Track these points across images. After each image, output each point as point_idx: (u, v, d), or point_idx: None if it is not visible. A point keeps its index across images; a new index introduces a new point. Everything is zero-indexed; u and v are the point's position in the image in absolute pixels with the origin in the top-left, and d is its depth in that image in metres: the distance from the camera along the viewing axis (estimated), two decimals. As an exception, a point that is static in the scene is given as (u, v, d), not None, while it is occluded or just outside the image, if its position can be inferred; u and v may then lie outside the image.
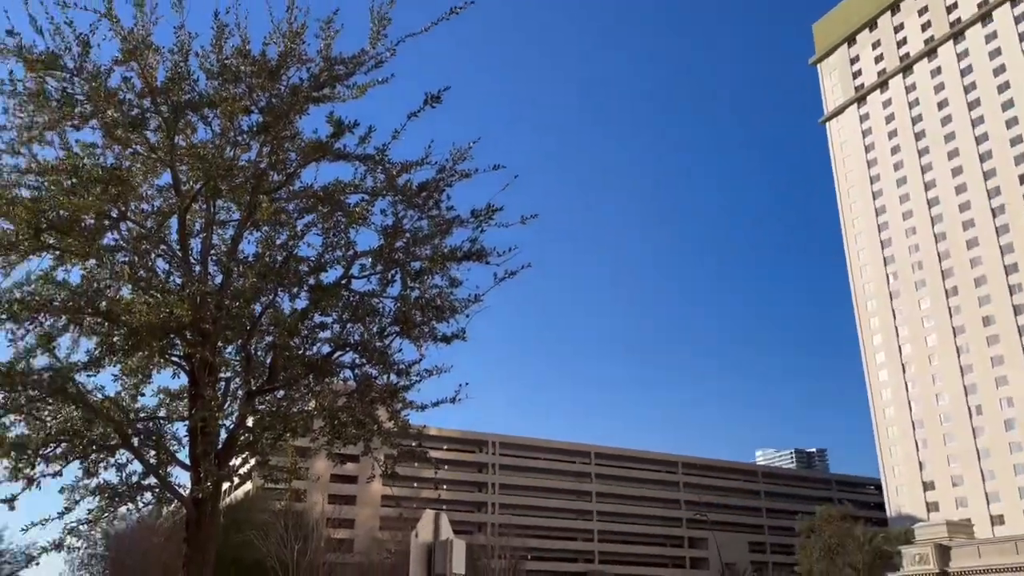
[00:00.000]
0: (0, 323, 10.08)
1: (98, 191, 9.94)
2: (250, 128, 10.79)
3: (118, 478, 10.60)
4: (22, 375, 9.70)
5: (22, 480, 9.90)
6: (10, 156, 10.27)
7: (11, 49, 9.54)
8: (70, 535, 9.93)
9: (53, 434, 10.35)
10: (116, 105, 10.11)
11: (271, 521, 43.28)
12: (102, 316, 10.49)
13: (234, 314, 10.49)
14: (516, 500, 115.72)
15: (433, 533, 9.92)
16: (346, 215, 11.19)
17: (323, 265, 11.14)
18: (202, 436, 10.10)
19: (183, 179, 11.04)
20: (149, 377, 11.22)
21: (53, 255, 10.59)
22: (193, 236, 11.28)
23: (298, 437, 11.38)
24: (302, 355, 11.00)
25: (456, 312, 10.95)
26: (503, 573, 60.34)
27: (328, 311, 11.12)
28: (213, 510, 10.26)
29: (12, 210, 9.76)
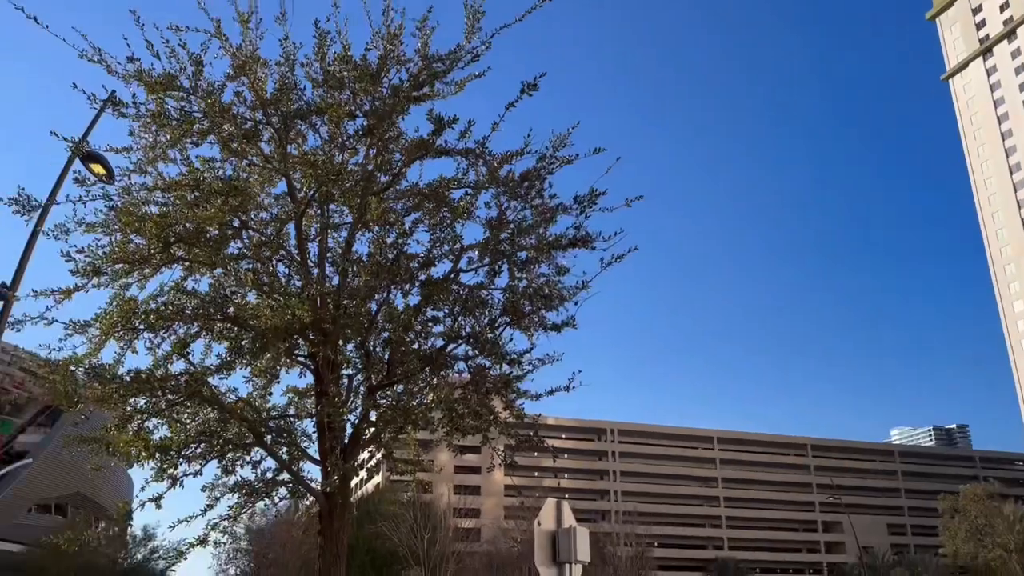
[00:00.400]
0: (139, 332, 10.76)
1: (219, 203, 10.44)
2: (356, 132, 11.06)
3: (254, 475, 11.17)
4: (161, 381, 10.30)
5: (167, 480, 10.54)
6: (138, 175, 10.92)
7: (132, 74, 10.12)
8: (213, 531, 10.50)
9: (193, 435, 10.98)
10: (231, 119, 10.58)
11: (401, 512, 44.59)
12: (231, 321, 11.05)
13: (351, 313, 10.81)
14: (639, 487, 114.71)
15: (555, 521, 9.93)
16: (451, 210, 11.32)
17: (432, 260, 11.31)
18: (329, 432, 10.48)
19: (297, 186, 11.46)
20: (277, 377, 11.77)
21: (183, 266, 11.23)
22: (310, 240, 11.69)
23: (419, 430, 11.64)
24: (417, 349, 11.22)
25: (565, 300, 10.89)
26: (629, 560, 59.95)
27: (439, 305, 11.29)
28: (343, 503, 10.62)
29: (143, 226, 10.40)
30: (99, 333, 10.37)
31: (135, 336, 10.70)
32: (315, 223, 11.87)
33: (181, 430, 11.01)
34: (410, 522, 43.59)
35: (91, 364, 10.31)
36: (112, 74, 10.09)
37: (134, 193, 10.80)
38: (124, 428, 10.59)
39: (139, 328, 10.58)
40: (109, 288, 10.74)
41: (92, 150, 11.54)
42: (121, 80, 10.18)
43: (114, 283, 10.77)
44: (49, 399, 10.62)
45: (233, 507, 10.77)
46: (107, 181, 11.24)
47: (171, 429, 11.01)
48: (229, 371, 10.93)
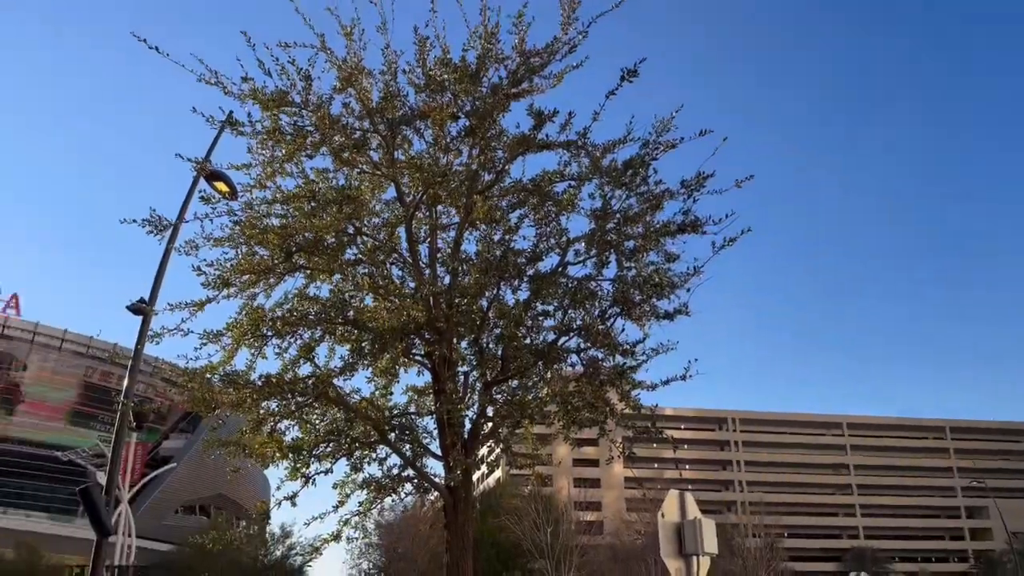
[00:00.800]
0: (267, 339, 11.35)
1: (335, 211, 10.86)
2: (459, 133, 11.24)
3: (381, 471, 11.56)
4: (290, 384, 10.82)
5: (300, 479, 11.06)
6: (259, 190, 11.48)
7: (247, 93, 10.64)
8: (345, 526, 10.95)
9: (322, 435, 11.48)
10: (340, 130, 10.97)
11: (522, 506, 45.05)
12: (351, 324, 11.48)
13: (463, 311, 11.01)
14: (764, 477, 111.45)
15: (680, 513, 9.81)
16: (555, 204, 11.33)
17: (539, 255, 11.36)
18: (448, 428, 10.72)
19: (405, 190, 11.78)
20: (397, 376, 12.13)
21: (304, 274, 11.76)
22: (420, 242, 11.98)
23: (535, 424, 11.74)
24: (529, 344, 11.29)
25: (676, 287, 10.69)
26: (759, 552, 58.39)
27: (549, 299, 11.31)
28: (467, 497, 10.84)
29: (266, 238, 10.97)
30: (231, 341, 11.00)
31: (264, 343, 11.27)
32: (424, 225, 12.16)
33: (311, 430, 11.52)
34: (532, 516, 43.99)
35: (225, 371, 10.93)
36: (228, 95, 10.65)
37: (256, 207, 11.36)
38: (259, 430, 11.20)
39: (267, 335, 11.15)
40: (238, 298, 11.38)
41: (215, 169, 12.22)
42: (237, 100, 10.72)
43: (242, 293, 11.40)
44: (188, 406, 11.31)
45: (363, 503, 11.16)
46: (230, 197, 11.87)
47: (302, 430, 11.53)
48: (352, 372, 11.37)
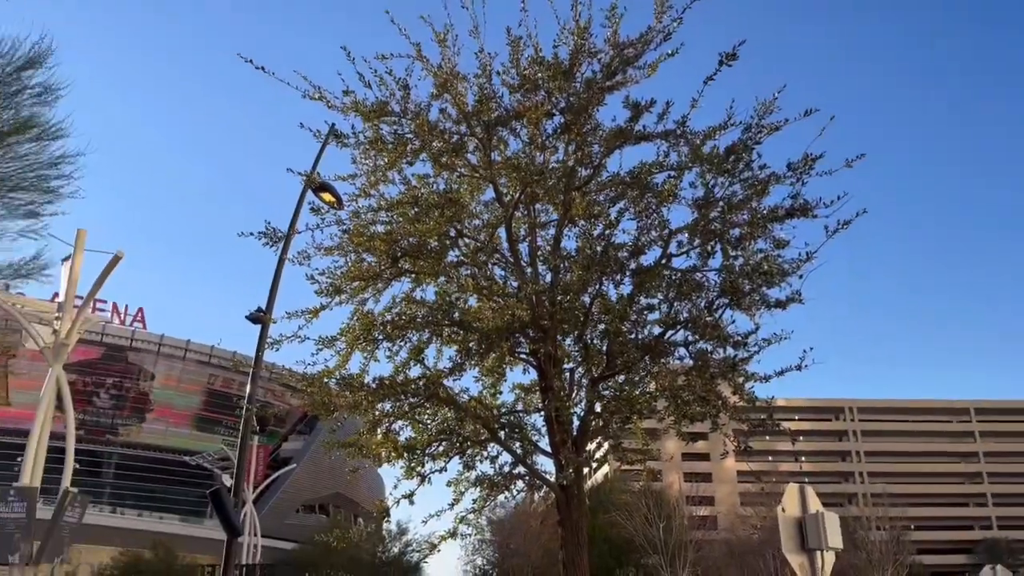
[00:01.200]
0: (378, 343, 11.70)
1: (436, 215, 11.09)
2: (554, 130, 11.26)
3: (492, 469, 11.72)
4: (402, 385, 11.13)
5: (416, 477, 11.33)
6: (364, 198, 11.83)
7: (349, 106, 10.99)
8: (461, 523, 11.16)
9: (434, 434, 11.74)
10: (438, 136, 11.18)
11: (633, 501, 44.74)
12: (457, 325, 11.69)
13: (566, 308, 11.02)
14: (887, 467, 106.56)
15: (800, 507, 9.54)
16: (655, 195, 11.20)
17: (641, 248, 11.25)
18: (557, 425, 10.76)
19: (503, 190, 11.89)
20: (504, 375, 12.26)
21: (410, 278, 12.04)
22: (520, 241, 12.07)
23: (644, 419, 11.63)
24: (635, 339, 11.20)
25: (786, 275, 10.38)
26: (884, 545, 55.91)
27: (653, 292, 11.20)
28: (579, 493, 10.86)
29: (373, 244, 11.32)
30: (345, 346, 11.40)
31: (376, 346, 11.62)
32: (523, 224, 12.23)
33: (423, 430, 11.79)
34: (643, 511, 43.59)
35: (341, 375, 11.34)
36: (332, 108, 11.01)
37: (362, 215, 11.72)
38: (374, 431, 11.56)
39: (378, 339, 11.50)
40: (349, 304, 11.78)
41: (323, 181, 12.67)
42: (340, 113, 11.08)
43: (353, 299, 11.79)
44: (308, 409, 11.79)
45: (476, 501, 11.36)
46: (337, 207, 12.29)
47: (414, 430, 11.82)
48: (460, 372, 11.59)
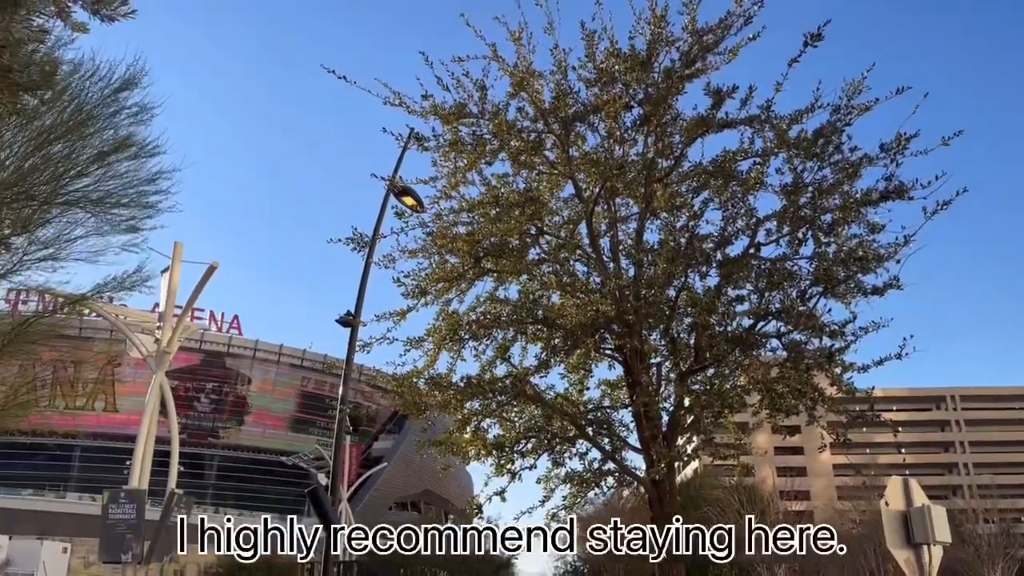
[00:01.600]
0: (464, 342, 11.81)
1: (517, 214, 11.10)
2: (633, 123, 11.12)
3: (582, 466, 11.67)
4: (490, 383, 11.20)
5: (506, 474, 11.39)
6: (445, 200, 11.95)
7: (428, 110, 11.11)
8: (552, 520, 11.15)
9: (522, 432, 11.76)
10: (516, 135, 11.19)
11: (725, 497, 43.95)
12: (541, 323, 11.68)
13: (651, 302, 10.88)
14: (994, 458, 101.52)
15: (905, 500, 9.17)
16: (741, 183, 10.93)
17: (727, 238, 11.00)
18: (646, 420, 10.63)
19: (583, 186, 11.82)
20: (590, 371, 12.20)
21: (492, 277, 12.10)
22: (601, 236, 11.97)
23: (736, 413, 11.37)
24: (723, 331, 10.97)
25: (883, 260, 9.96)
26: (992, 538, 53.20)
27: (741, 283, 10.95)
28: (671, 489, 10.71)
29: (455, 246, 11.41)
30: (432, 346, 11.55)
31: (462, 346, 11.73)
32: (604, 219, 12.12)
33: (511, 428, 11.84)
34: (736, 506, 42.72)
35: (429, 375, 11.49)
36: (412, 113, 11.17)
37: (444, 217, 11.84)
38: (463, 429, 11.67)
39: (464, 338, 11.60)
40: (435, 305, 11.91)
41: (404, 185, 12.86)
42: (420, 117, 11.23)
43: (438, 300, 11.92)
44: (399, 408, 11.99)
45: (567, 497, 11.32)
46: (419, 210, 12.46)
47: (502, 427, 11.88)
48: (546, 370, 11.57)
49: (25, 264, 11.41)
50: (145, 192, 11.75)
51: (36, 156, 10.35)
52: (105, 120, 11.06)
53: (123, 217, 11.74)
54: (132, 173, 11.66)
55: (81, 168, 10.90)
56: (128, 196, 11.57)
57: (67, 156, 10.77)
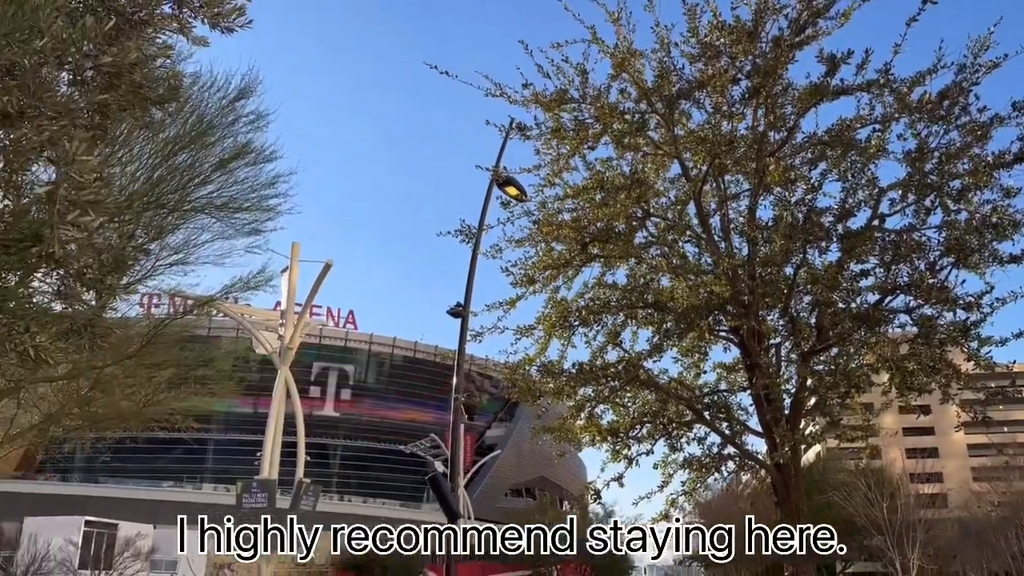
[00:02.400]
0: (574, 329, 11.76)
1: (622, 197, 10.96)
2: (741, 97, 10.76)
3: (700, 450, 11.46)
4: (602, 369, 11.13)
5: (622, 460, 11.31)
6: (549, 188, 11.91)
7: (529, 99, 11.09)
8: (672, 506, 11.01)
9: (636, 417, 11.65)
10: (619, 117, 11.02)
11: (851, 480, 42.18)
12: (651, 307, 11.50)
13: (768, 280, 10.53)
14: None
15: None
16: (860, 152, 10.42)
17: (849, 211, 10.52)
18: (767, 403, 10.32)
19: (690, 165, 11.54)
20: (705, 354, 11.93)
21: (599, 263, 12.00)
22: (711, 215, 11.68)
23: (863, 393, 10.90)
24: (848, 308, 10.51)
25: (1020, 226, 9.31)
26: None
27: (865, 257, 10.46)
28: (796, 473, 10.39)
29: (561, 233, 11.37)
30: (543, 334, 11.56)
31: (572, 332, 11.70)
32: (713, 198, 11.81)
33: (625, 413, 11.74)
34: (863, 490, 40.98)
35: (541, 362, 11.52)
36: (513, 103, 11.17)
37: (549, 205, 11.81)
38: (577, 416, 11.65)
39: (574, 324, 11.56)
40: (543, 293, 11.92)
41: (507, 175, 12.89)
42: (521, 106, 11.21)
43: (546, 288, 11.92)
44: (516, 396, 12.06)
45: (687, 482, 11.15)
46: (522, 199, 12.46)
47: (616, 413, 11.79)
48: (659, 354, 11.41)
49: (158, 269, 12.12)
50: (265, 196, 12.25)
51: (163, 167, 10.97)
52: (224, 129, 11.59)
53: (245, 221, 12.29)
54: (252, 178, 12.19)
55: (204, 176, 11.48)
56: (249, 200, 12.10)
57: (191, 165, 11.36)
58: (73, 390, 15.67)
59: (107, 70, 4.23)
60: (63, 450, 27.37)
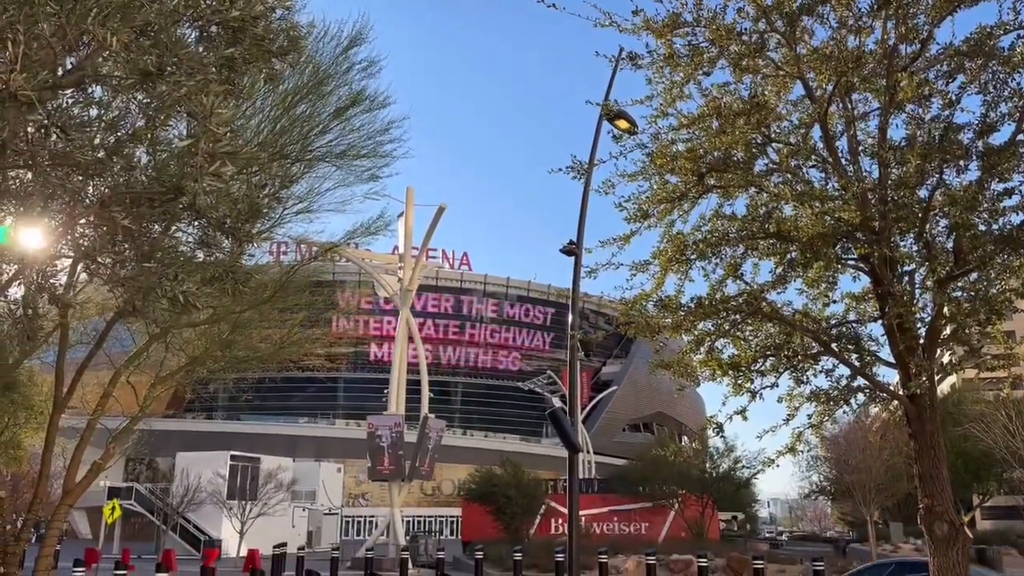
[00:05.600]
0: (691, 263, 11.53)
1: (741, 123, 10.55)
2: (869, 8, 10.07)
3: (828, 383, 11.14)
4: (722, 303, 10.92)
5: (745, 394, 11.15)
6: (662, 119, 11.59)
7: (640, 26, 10.74)
8: (799, 440, 10.80)
9: (759, 350, 11.41)
10: (736, 38, 10.53)
11: (989, 412, 40.11)
12: (774, 237, 11.11)
13: (901, 204, 9.96)
14: None
15: None
16: (1003, 62, 9.59)
17: (991, 126, 9.75)
18: (901, 333, 9.88)
19: (814, 85, 10.94)
20: (834, 284, 11.49)
21: (717, 194, 11.65)
22: (838, 138, 11.09)
23: (1004, 320, 10.27)
24: (989, 230, 9.86)
25: None
26: None
27: (1008, 175, 9.73)
28: (932, 404, 9.96)
29: (676, 164, 11.09)
30: (659, 269, 11.42)
31: (689, 267, 11.48)
32: (840, 119, 11.20)
33: (746, 347, 11.52)
34: (1003, 421, 38.90)
35: (658, 297, 11.41)
36: (624, 32, 10.83)
37: (662, 136, 11.51)
38: (696, 350, 11.53)
39: (691, 258, 11.33)
40: (658, 228, 11.72)
41: (618, 108, 12.64)
42: (632, 35, 10.88)
43: (661, 222, 11.71)
44: (633, 332, 12.02)
45: (813, 415, 10.90)
46: (633, 132, 12.21)
47: (736, 347, 11.58)
48: (783, 285, 11.07)
49: (286, 217, 12.71)
50: (380, 142, 12.56)
51: (284, 118, 11.40)
52: (339, 78, 11.89)
53: (363, 167, 12.68)
54: (367, 125, 12.51)
55: (323, 125, 11.86)
56: (367, 147, 12.45)
57: (310, 115, 11.75)
58: (215, 334, 16.81)
59: (232, 24, 4.40)
60: (208, 390, 29.49)
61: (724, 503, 53.68)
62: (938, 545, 9.74)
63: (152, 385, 16.38)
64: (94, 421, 14.93)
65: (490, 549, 34.65)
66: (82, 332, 17.78)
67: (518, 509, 42.96)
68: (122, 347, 18.71)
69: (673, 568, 30.69)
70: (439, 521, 77.06)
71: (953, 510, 9.95)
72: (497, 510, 42.76)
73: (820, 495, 54.31)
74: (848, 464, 39.41)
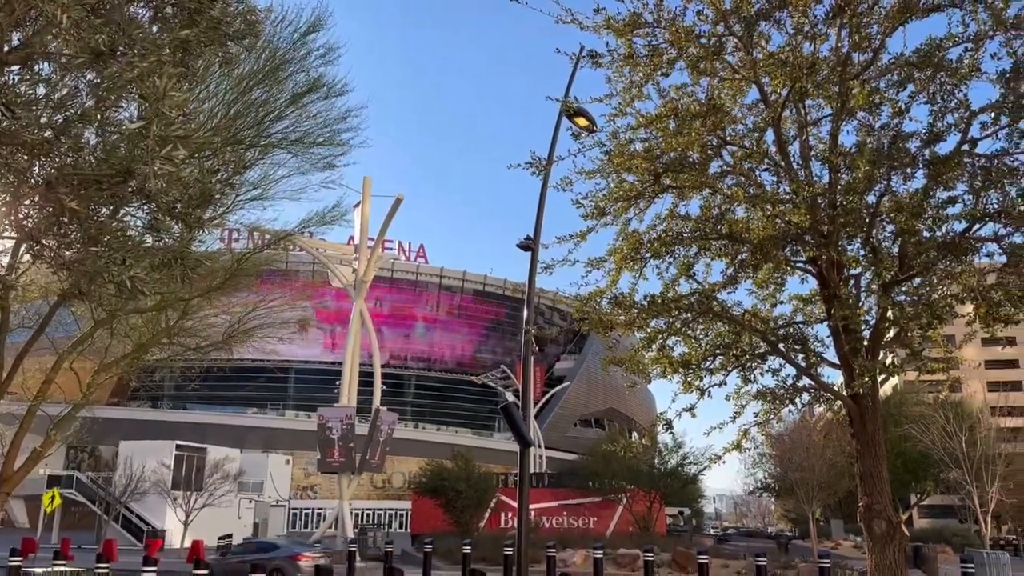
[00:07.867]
0: (646, 261, 11.66)
1: (697, 125, 10.69)
2: (824, 16, 10.28)
3: (774, 382, 11.38)
4: (674, 302, 11.07)
5: (695, 391, 11.33)
6: (621, 118, 11.67)
7: (601, 24, 10.80)
8: (744, 437, 11.02)
9: (708, 349, 11.61)
10: (694, 41, 10.66)
11: (928, 413, 41.28)
12: (726, 238, 11.30)
13: (849, 209, 10.21)
14: None
15: None
16: (950, 73, 9.88)
17: (937, 135, 10.04)
18: (846, 335, 10.13)
19: (768, 90, 11.13)
20: (781, 285, 11.73)
21: (673, 194, 11.79)
22: (790, 143, 11.31)
23: (945, 324, 10.59)
24: (933, 236, 10.15)
25: None
26: None
27: (952, 183, 10.03)
28: (873, 405, 10.24)
29: (633, 163, 11.19)
30: (614, 266, 11.52)
31: (643, 265, 11.61)
32: (793, 124, 11.42)
33: (697, 345, 11.70)
34: (941, 423, 40.10)
35: (612, 294, 11.51)
36: (584, 30, 10.88)
37: (621, 135, 11.59)
38: (648, 348, 11.67)
39: (646, 257, 11.46)
40: (614, 225, 11.82)
41: (577, 106, 12.69)
42: (592, 32, 10.93)
43: (617, 220, 11.81)
44: (586, 328, 12.11)
45: (759, 414, 11.13)
46: (592, 130, 12.27)
47: (687, 345, 11.76)
48: (733, 286, 11.27)
49: (239, 204, 12.50)
50: (337, 130, 12.42)
51: (239, 103, 11.21)
52: (296, 63, 11.73)
53: (320, 155, 12.52)
54: (324, 113, 12.36)
55: (279, 111, 11.69)
56: (323, 135, 12.30)
57: (266, 101, 11.57)
58: (162, 321, 16.47)
59: (188, 6, 4.32)
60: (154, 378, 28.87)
61: (671, 498, 54.36)
62: (876, 542, 10.04)
63: (96, 372, 16.01)
64: (35, 407, 14.54)
65: (439, 542, 34.62)
66: (24, 316, 17.29)
67: (468, 503, 43.00)
68: (66, 332, 18.23)
69: (620, 562, 31.03)
70: (389, 514, 76.66)
71: (891, 508, 10.26)
72: (447, 503, 42.75)
73: (764, 492, 55.35)
74: (792, 462, 40.25)
